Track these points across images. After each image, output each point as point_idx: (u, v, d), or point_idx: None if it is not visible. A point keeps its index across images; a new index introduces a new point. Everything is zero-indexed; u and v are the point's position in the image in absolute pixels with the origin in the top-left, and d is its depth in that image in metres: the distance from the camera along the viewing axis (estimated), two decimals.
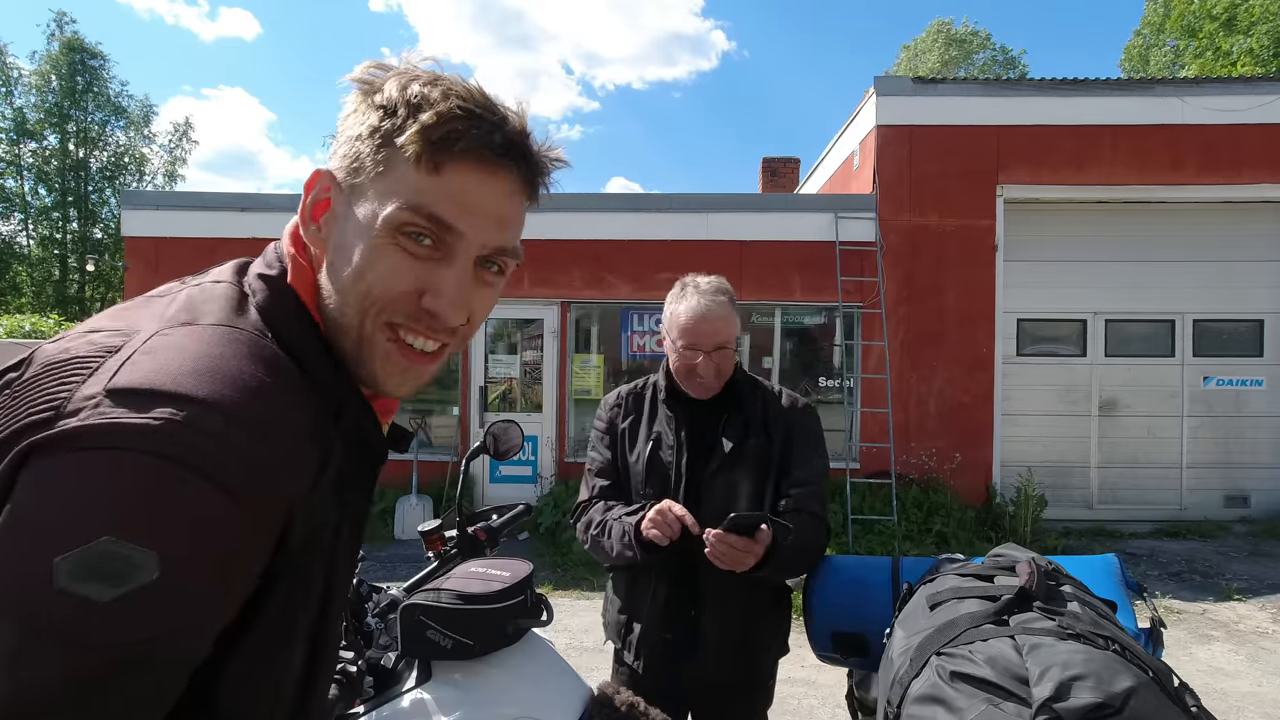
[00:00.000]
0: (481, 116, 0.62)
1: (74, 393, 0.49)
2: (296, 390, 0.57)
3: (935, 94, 7.40)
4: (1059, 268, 7.52)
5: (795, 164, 13.28)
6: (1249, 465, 7.53)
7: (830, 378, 7.68)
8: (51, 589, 0.43)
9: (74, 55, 21.74)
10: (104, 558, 0.44)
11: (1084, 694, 0.83)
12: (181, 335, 0.55)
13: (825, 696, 3.73)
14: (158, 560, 0.45)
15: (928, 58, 27.91)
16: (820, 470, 1.73)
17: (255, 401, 0.52)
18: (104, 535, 0.44)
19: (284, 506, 0.54)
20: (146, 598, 0.45)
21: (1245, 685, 3.95)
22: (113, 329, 0.56)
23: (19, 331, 9.87)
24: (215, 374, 0.51)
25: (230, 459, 0.49)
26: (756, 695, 1.79)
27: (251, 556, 0.53)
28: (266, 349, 0.57)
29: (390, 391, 0.67)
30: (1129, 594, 1.42)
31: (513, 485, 7.58)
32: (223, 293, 0.62)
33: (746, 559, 1.47)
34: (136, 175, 23.34)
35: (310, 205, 0.65)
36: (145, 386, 0.49)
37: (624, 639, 1.77)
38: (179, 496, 0.47)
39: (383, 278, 0.62)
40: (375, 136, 0.62)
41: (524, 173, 0.65)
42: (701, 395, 1.72)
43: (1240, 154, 7.13)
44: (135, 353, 0.52)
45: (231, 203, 7.95)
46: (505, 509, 1.80)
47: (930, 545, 6.11)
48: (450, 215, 0.62)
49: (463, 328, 0.67)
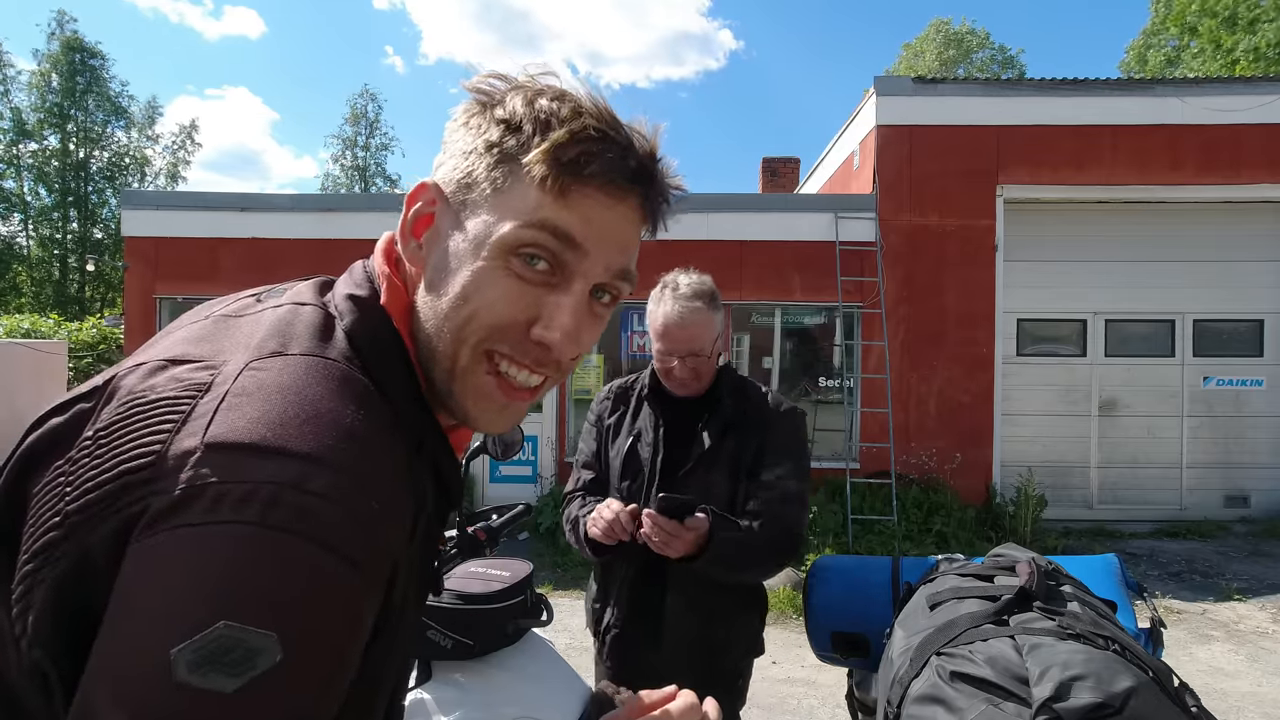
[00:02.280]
0: (614, 140, 0.58)
1: (168, 446, 0.45)
2: (389, 429, 0.53)
3: (935, 94, 7.40)
4: (1059, 268, 7.52)
5: (795, 164, 13.28)
6: (1249, 465, 7.53)
7: (830, 378, 7.67)
8: (171, 683, 0.40)
9: (74, 55, 21.75)
10: (223, 645, 0.40)
11: (1084, 694, 0.83)
12: (275, 371, 0.50)
13: (825, 696, 3.73)
14: (278, 642, 0.42)
15: (926, 57, 27.94)
16: (792, 473, 1.67)
17: (355, 448, 0.48)
18: (221, 620, 0.41)
19: (391, 559, 0.50)
20: (272, 683, 0.42)
21: (1245, 685, 3.95)
22: (197, 360, 0.51)
23: (19, 331, 9.87)
24: (316, 419, 0.47)
25: (341, 519, 0.45)
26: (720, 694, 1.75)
27: (368, 618, 0.49)
28: (358, 382, 0.53)
29: (483, 428, 0.63)
30: (1129, 594, 1.42)
31: (513, 485, 7.58)
32: (309, 316, 0.57)
33: (675, 543, 1.46)
34: (138, 176, 23.35)
35: (412, 220, 0.61)
36: (246, 441, 0.45)
37: (597, 628, 1.79)
38: (294, 569, 0.43)
39: (491, 303, 0.57)
40: (494, 152, 0.58)
41: (649, 200, 0.61)
42: (681, 393, 1.72)
43: (1240, 154, 7.13)
44: (228, 394, 0.48)
45: (232, 203, 7.94)
46: (505, 509, 1.81)
47: (930, 545, 6.11)
48: (579, 234, 0.57)
49: (569, 362, 0.62)
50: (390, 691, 0.62)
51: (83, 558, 0.45)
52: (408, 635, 0.61)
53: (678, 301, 1.64)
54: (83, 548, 0.45)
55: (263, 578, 0.42)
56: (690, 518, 1.47)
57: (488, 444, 1.79)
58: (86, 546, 0.45)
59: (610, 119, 0.59)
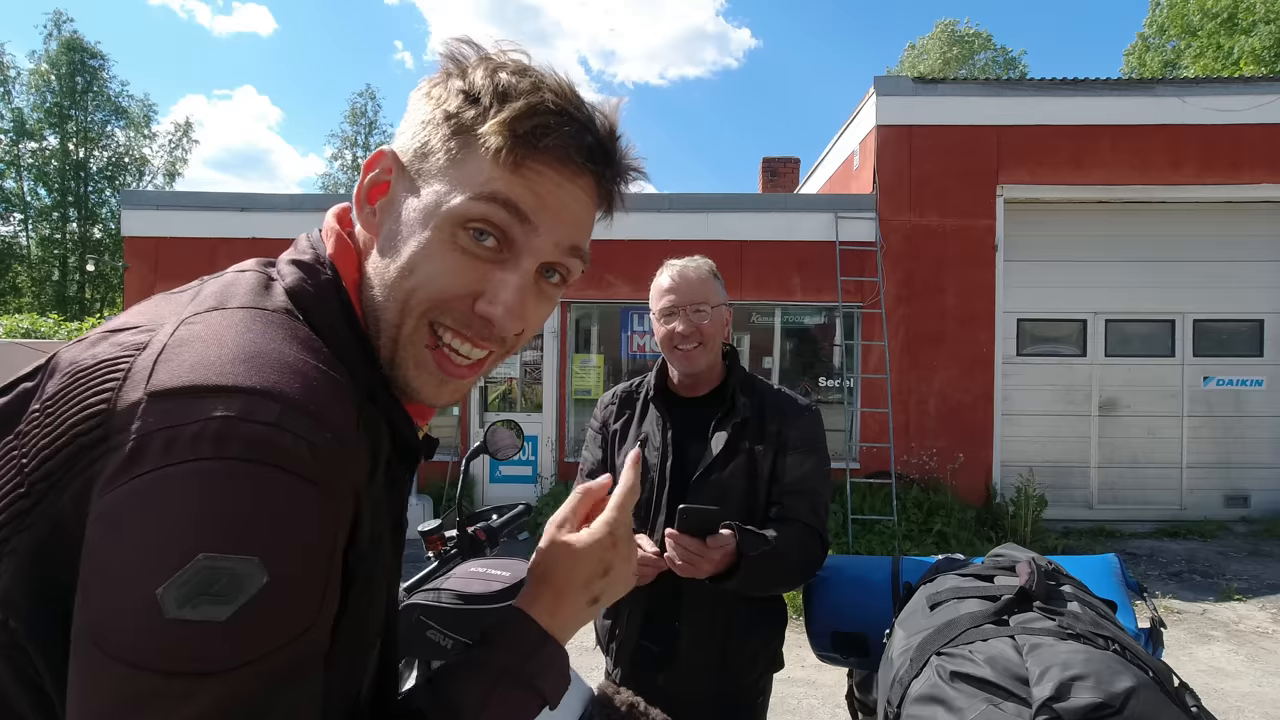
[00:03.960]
0: (572, 115, 0.58)
1: (113, 402, 0.45)
2: (335, 373, 0.52)
3: (935, 94, 7.40)
4: (1059, 268, 7.52)
5: (795, 164, 13.27)
6: (1249, 465, 7.53)
7: (830, 378, 7.68)
8: (163, 620, 0.41)
9: (73, 55, 21.74)
10: (206, 575, 0.41)
11: (1084, 694, 0.83)
12: (209, 321, 0.51)
13: (825, 696, 3.73)
14: (261, 565, 0.43)
15: (929, 56, 27.97)
16: (814, 475, 1.59)
17: (303, 384, 0.48)
18: (200, 553, 0.41)
19: (352, 492, 0.50)
20: (264, 605, 0.43)
21: (1245, 685, 3.95)
22: (134, 325, 0.52)
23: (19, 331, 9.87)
24: (257, 358, 0.48)
25: (294, 446, 0.45)
26: (739, 713, 1.65)
27: (339, 538, 0.49)
28: (299, 329, 0.54)
29: (424, 400, 0.62)
30: (1129, 594, 1.42)
31: (513, 485, 7.59)
32: (249, 279, 0.58)
33: (702, 564, 1.37)
34: (136, 175, 23.35)
35: (368, 186, 0.61)
36: (188, 384, 0.45)
37: (607, 644, 1.71)
38: (259, 494, 0.44)
39: (435, 276, 0.57)
40: (451, 123, 0.57)
41: (605, 180, 0.61)
42: (686, 368, 1.63)
43: (1240, 154, 7.13)
44: (165, 347, 0.48)
45: (232, 203, 7.95)
46: (505, 509, 1.80)
47: (930, 545, 6.11)
48: (528, 206, 0.57)
49: (513, 338, 0.62)
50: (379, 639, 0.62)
51: (55, 525, 0.45)
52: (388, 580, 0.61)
53: (676, 264, 1.65)
54: (53, 513, 0.45)
55: (230, 505, 0.43)
56: (714, 535, 1.37)
57: (487, 444, 1.79)
58: (56, 512, 0.45)
59: (571, 95, 0.59)
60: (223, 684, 0.42)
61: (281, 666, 0.44)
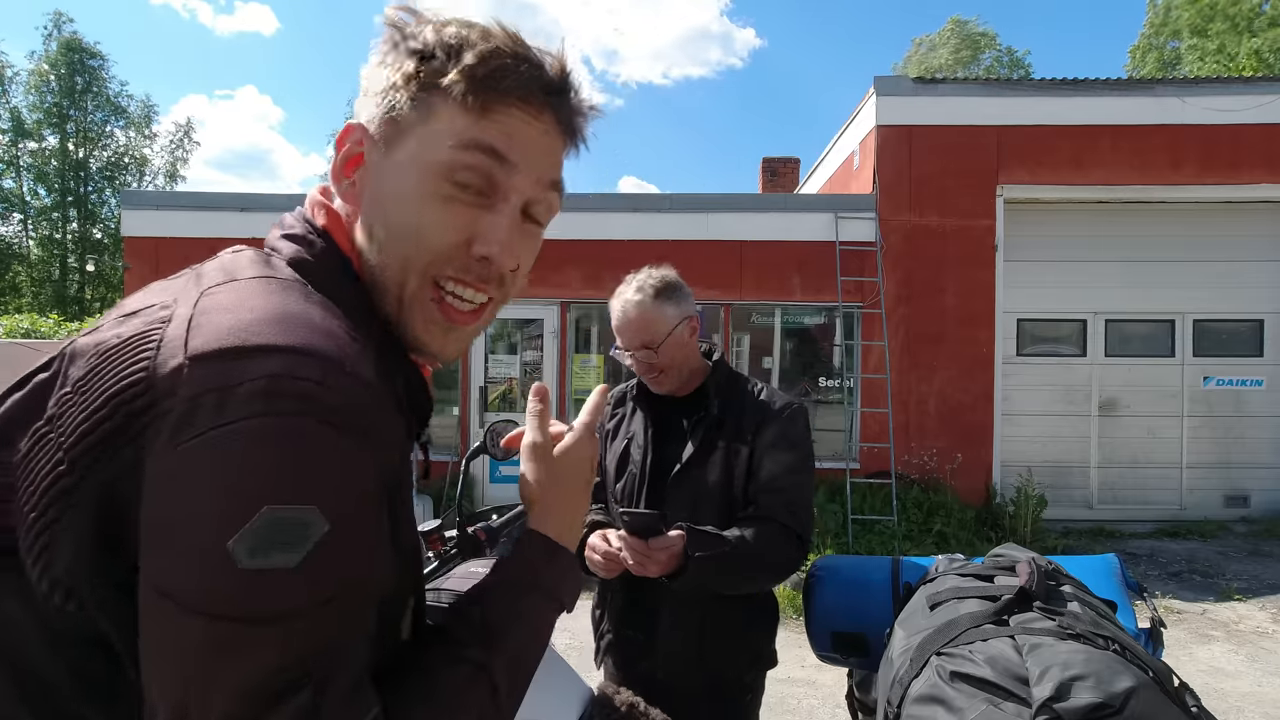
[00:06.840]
0: (525, 56, 0.61)
1: (153, 370, 0.46)
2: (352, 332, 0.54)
3: (935, 94, 7.40)
4: (1059, 268, 7.52)
5: (795, 164, 13.26)
6: (1249, 465, 7.53)
7: (830, 378, 7.67)
8: (237, 570, 0.43)
9: (73, 55, 21.73)
10: (273, 526, 0.44)
11: (1084, 694, 0.83)
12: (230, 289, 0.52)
13: (825, 696, 3.73)
14: (320, 513, 0.45)
15: (940, 53, 27.89)
16: (790, 473, 1.60)
17: (336, 343, 0.50)
18: (264, 505, 0.44)
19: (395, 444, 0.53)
20: (330, 549, 0.46)
21: (1245, 685, 3.95)
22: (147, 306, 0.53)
23: (19, 331, 9.87)
24: (288, 318, 0.49)
25: (339, 400, 0.47)
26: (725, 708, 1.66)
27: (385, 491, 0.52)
28: (312, 294, 0.55)
29: (434, 353, 0.65)
30: (1129, 594, 1.42)
31: (513, 485, 7.56)
32: (249, 255, 0.60)
33: (649, 564, 1.41)
34: (136, 176, 23.34)
35: (342, 160, 0.63)
36: (229, 345, 0.46)
37: (596, 635, 1.79)
38: (313, 445, 0.46)
39: (430, 230, 0.59)
40: (412, 84, 0.59)
41: (567, 116, 0.64)
42: (658, 390, 1.70)
43: (1240, 154, 7.13)
44: (193, 315, 0.49)
45: (232, 203, 7.95)
46: (505, 509, 1.80)
47: (930, 545, 6.11)
48: (504, 147, 0.59)
49: (511, 275, 0.64)
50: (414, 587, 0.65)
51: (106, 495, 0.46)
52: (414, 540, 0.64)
53: (621, 298, 1.65)
54: (102, 485, 0.46)
55: (287, 458, 0.45)
56: (658, 536, 1.41)
57: (488, 444, 1.79)
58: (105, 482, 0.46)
59: (519, 40, 0.62)
60: (300, 622, 0.45)
61: (347, 604, 0.48)
